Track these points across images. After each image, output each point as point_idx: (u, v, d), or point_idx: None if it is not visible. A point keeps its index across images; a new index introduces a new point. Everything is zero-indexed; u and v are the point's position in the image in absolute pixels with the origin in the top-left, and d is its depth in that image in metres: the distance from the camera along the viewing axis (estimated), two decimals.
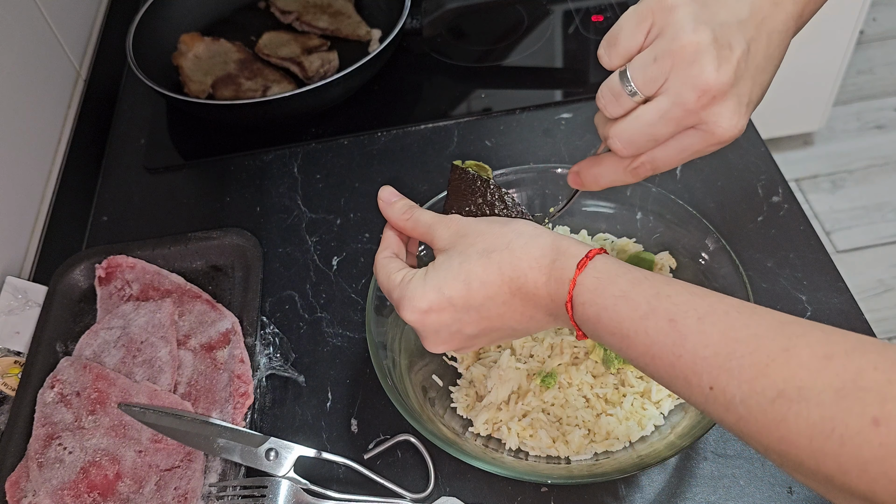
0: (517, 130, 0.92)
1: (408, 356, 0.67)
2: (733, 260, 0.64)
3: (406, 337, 0.68)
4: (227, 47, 1.02)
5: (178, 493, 0.62)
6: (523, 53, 1.02)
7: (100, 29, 1.11)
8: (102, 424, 0.65)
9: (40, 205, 0.88)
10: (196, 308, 0.74)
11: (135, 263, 0.78)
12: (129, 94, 1.04)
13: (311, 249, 0.82)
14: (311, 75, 0.98)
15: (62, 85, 0.99)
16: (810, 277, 0.73)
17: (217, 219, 0.87)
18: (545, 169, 0.74)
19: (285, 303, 0.77)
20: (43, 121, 0.92)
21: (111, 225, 0.88)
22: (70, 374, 0.69)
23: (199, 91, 0.97)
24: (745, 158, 0.84)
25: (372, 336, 0.63)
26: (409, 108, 0.97)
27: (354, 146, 0.93)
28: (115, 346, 0.71)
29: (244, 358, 0.69)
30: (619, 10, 1.04)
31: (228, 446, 0.63)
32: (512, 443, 0.63)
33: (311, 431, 0.68)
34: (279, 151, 0.93)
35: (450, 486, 0.63)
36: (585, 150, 0.88)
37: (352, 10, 1.07)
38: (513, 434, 0.63)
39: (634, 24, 0.49)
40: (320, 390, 0.71)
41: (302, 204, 0.87)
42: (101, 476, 0.63)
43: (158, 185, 0.92)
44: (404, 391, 0.62)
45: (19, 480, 0.64)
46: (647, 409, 0.63)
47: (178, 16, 1.04)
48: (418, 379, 0.66)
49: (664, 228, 0.71)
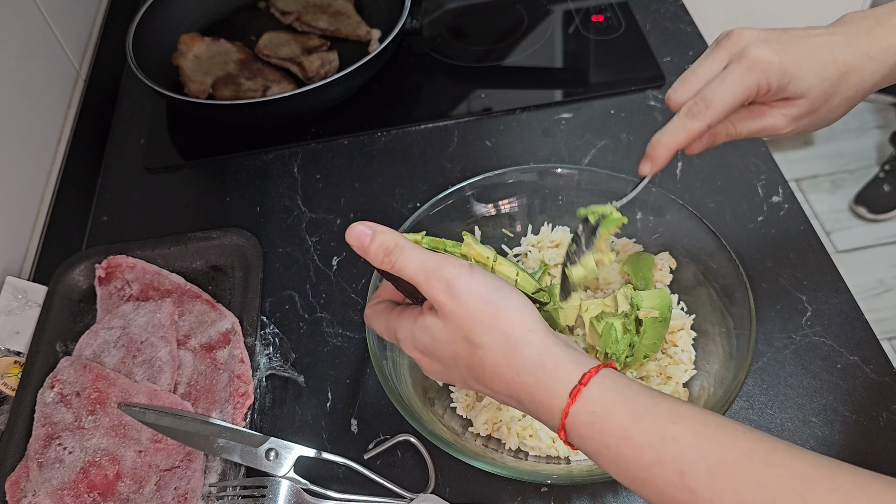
0: (517, 130, 0.92)
1: (407, 357, 0.67)
2: (733, 260, 0.64)
3: None
4: (227, 47, 1.02)
5: (178, 493, 0.62)
6: (523, 53, 1.02)
7: (100, 29, 1.11)
8: (102, 424, 0.65)
9: (40, 205, 0.88)
10: (196, 308, 0.74)
11: (135, 263, 0.78)
12: (129, 94, 1.04)
13: (311, 249, 0.82)
14: (311, 75, 0.98)
15: (62, 85, 0.99)
16: (810, 277, 0.73)
17: (217, 219, 0.86)
18: (545, 169, 0.74)
19: (285, 303, 0.77)
20: (43, 121, 0.92)
21: (111, 225, 0.88)
22: (70, 374, 0.69)
23: (199, 91, 0.97)
24: (746, 158, 0.84)
25: (372, 337, 0.63)
26: (409, 108, 0.97)
27: (354, 146, 0.93)
28: (115, 346, 0.71)
29: (244, 358, 0.69)
30: (619, 11, 1.04)
31: (228, 446, 0.63)
32: (512, 443, 0.63)
33: (310, 431, 0.68)
34: (279, 151, 0.93)
35: (450, 487, 0.63)
36: (585, 149, 0.88)
37: (352, 10, 1.07)
38: (513, 434, 0.63)
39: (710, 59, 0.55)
40: (320, 390, 0.71)
41: (302, 204, 0.87)
42: (101, 476, 0.63)
43: (158, 185, 0.92)
44: (404, 391, 0.62)
45: (19, 480, 0.64)
46: None
47: (177, 16, 1.05)
48: (418, 379, 0.66)
49: (664, 228, 0.71)
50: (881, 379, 0.66)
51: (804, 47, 0.53)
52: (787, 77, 0.53)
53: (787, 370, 0.67)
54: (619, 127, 0.90)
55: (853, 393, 0.65)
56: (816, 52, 0.53)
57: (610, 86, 0.95)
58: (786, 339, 0.69)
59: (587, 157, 0.87)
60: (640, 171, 0.57)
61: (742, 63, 0.53)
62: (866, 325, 0.70)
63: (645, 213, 0.72)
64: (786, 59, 0.52)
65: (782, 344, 0.69)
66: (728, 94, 0.53)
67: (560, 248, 0.73)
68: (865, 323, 0.70)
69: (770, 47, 0.53)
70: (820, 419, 0.64)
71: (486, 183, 0.73)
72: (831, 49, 0.53)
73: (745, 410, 0.65)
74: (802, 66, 0.53)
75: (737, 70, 0.53)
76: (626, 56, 0.99)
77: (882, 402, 0.64)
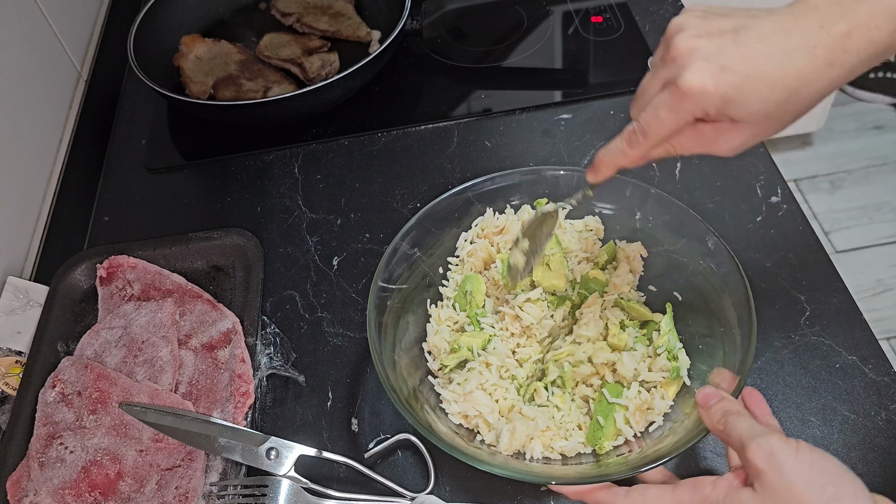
0: (517, 131, 0.92)
1: (408, 357, 0.67)
2: (733, 259, 0.64)
3: (406, 338, 0.68)
4: (227, 48, 1.02)
5: (178, 492, 0.62)
6: (523, 54, 1.03)
7: (101, 30, 1.11)
8: (103, 424, 0.66)
9: (42, 205, 0.88)
10: (197, 308, 0.74)
11: (136, 263, 0.78)
12: (131, 95, 1.04)
13: (311, 249, 0.82)
14: (311, 76, 0.98)
15: (63, 85, 0.99)
16: (809, 277, 0.74)
17: (218, 219, 0.87)
18: (545, 170, 0.74)
19: (286, 303, 0.78)
20: (44, 121, 0.93)
21: (112, 225, 0.89)
22: (71, 374, 0.69)
23: (200, 92, 0.97)
24: (744, 159, 0.84)
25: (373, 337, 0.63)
26: (410, 109, 0.97)
27: (355, 146, 0.93)
28: (117, 346, 0.71)
29: (245, 357, 0.70)
30: (618, 11, 1.05)
31: (229, 445, 0.63)
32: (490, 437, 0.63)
33: (311, 431, 0.68)
34: (280, 152, 0.93)
35: (450, 486, 0.63)
36: (585, 150, 0.88)
37: (352, 11, 1.07)
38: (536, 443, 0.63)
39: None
40: (321, 390, 0.71)
41: (302, 204, 0.87)
42: (103, 475, 0.63)
43: (159, 186, 0.92)
44: (404, 392, 0.63)
45: (20, 480, 0.64)
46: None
47: (179, 17, 1.05)
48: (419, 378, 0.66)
49: (664, 229, 0.71)
50: (880, 378, 0.66)
51: (750, 62, 0.47)
52: (727, 103, 0.48)
53: (785, 370, 0.68)
54: (619, 127, 0.88)
55: (852, 392, 0.66)
56: (763, 67, 0.47)
57: (609, 86, 0.95)
58: (784, 339, 0.69)
59: (587, 158, 0.87)
60: (587, 177, 0.59)
61: (675, 93, 0.48)
62: (865, 325, 0.70)
63: (644, 213, 0.72)
64: (723, 84, 0.47)
65: (781, 343, 0.69)
66: (661, 126, 0.51)
67: (504, 234, 0.73)
68: (864, 323, 0.70)
69: (707, 69, 0.47)
70: (819, 419, 0.64)
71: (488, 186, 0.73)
72: (783, 61, 0.46)
73: None
74: (744, 90, 0.47)
75: (670, 101, 0.49)
76: (625, 57, 0.99)
77: (881, 402, 0.65)
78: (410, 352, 0.67)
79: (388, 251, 0.67)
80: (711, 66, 0.47)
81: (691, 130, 0.52)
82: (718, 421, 0.51)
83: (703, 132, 0.51)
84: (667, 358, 0.64)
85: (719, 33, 0.48)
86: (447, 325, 0.69)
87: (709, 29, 0.49)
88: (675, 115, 0.50)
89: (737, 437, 0.48)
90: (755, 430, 0.48)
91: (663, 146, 0.53)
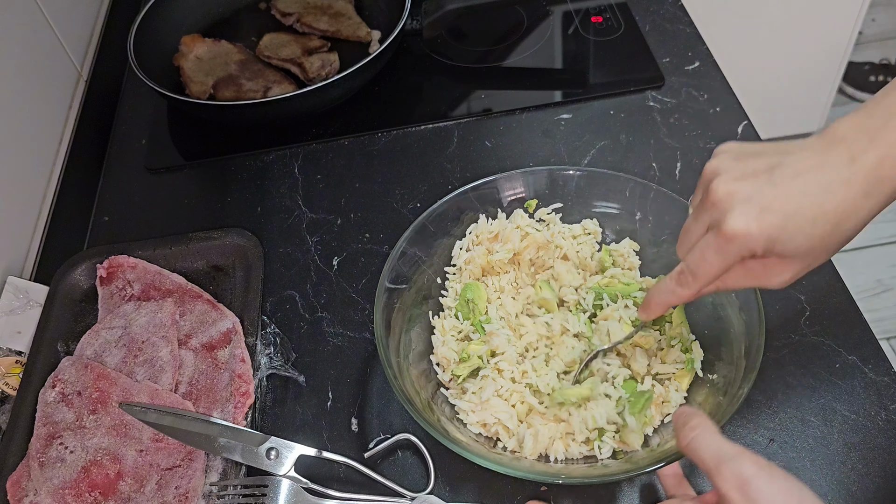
0: (517, 131, 0.92)
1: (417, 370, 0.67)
2: None
3: (414, 338, 0.68)
4: (228, 48, 1.02)
5: (178, 492, 0.62)
6: (523, 54, 1.03)
7: (101, 30, 1.11)
8: (104, 424, 0.66)
9: (41, 205, 0.88)
10: (197, 308, 0.74)
11: (136, 263, 0.78)
12: (131, 95, 1.04)
13: (311, 249, 0.82)
14: (311, 76, 0.98)
15: (63, 85, 0.99)
16: (809, 277, 0.73)
17: (218, 219, 0.87)
18: (544, 170, 0.74)
19: (286, 303, 0.78)
20: (44, 121, 0.93)
21: (112, 225, 0.89)
22: (71, 374, 0.69)
23: (200, 92, 0.97)
24: None
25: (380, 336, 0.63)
26: (410, 109, 0.97)
27: (355, 146, 0.93)
28: (117, 346, 0.71)
29: (245, 357, 0.70)
30: (618, 11, 1.05)
31: (229, 445, 0.63)
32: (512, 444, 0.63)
33: (311, 431, 0.68)
34: (280, 152, 0.93)
35: (450, 486, 0.63)
36: (585, 150, 0.88)
37: (352, 11, 1.07)
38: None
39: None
40: (321, 390, 0.71)
41: (302, 204, 0.87)
42: (103, 475, 0.63)
43: (159, 186, 0.92)
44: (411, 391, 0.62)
45: (20, 479, 0.64)
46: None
47: (179, 17, 1.05)
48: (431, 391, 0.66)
49: (664, 228, 0.71)
50: (880, 378, 0.66)
51: (789, 201, 0.47)
52: (772, 242, 0.48)
53: (785, 370, 0.67)
54: (619, 127, 0.90)
55: (852, 392, 0.66)
56: (803, 204, 0.47)
57: (609, 86, 0.95)
58: (785, 339, 0.69)
59: (587, 158, 0.87)
60: (639, 314, 0.59)
61: (721, 237, 0.49)
62: (865, 325, 0.70)
63: (644, 213, 0.72)
64: (766, 225, 0.47)
65: (781, 343, 0.69)
66: (710, 268, 0.51)
67: (498, 239, 0.72)
68: (864, 323, 0.70)
69: (749, 212, 0.47)
70: (819, 419, 0.64)
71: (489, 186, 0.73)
72: (821, 197, 0.47)
73: (743, 410, 0.65)
74: (787, 228, 0.47)
75: (716, 243, 0.49)
76: (625, 57, 0.99)
77: (881, 402, 0.65)
78: (419, 365, 0.67)
79: (394, 252, 0.68)
80: (752, 208, 0.47)
81: (740, 267, 0.52)
82: (682, 433, 0.48)
83: (752, 269, 0.52)
84: (680, 350, 0.64)
85: (754, 174, 0.49)
86: (452, 335, 0.69)
87: (744, 171, 0.49)
88: (723, 258, 0.50)
89: (704, 458, 0.46)
90: (724, 451, 0.45)
91: (715, 285, 0.54)
